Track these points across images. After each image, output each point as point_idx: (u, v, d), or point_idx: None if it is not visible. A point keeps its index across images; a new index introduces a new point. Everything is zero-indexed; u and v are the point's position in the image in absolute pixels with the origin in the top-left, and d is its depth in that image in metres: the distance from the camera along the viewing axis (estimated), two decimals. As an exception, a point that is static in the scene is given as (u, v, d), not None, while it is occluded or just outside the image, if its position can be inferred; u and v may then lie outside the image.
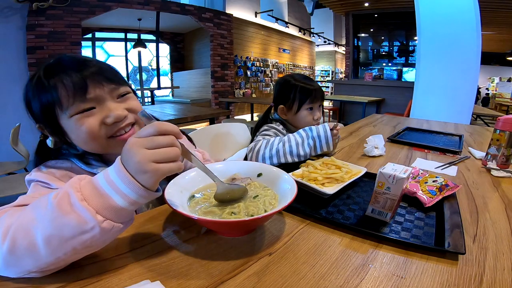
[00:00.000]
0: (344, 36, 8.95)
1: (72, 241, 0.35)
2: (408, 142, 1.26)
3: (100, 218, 0.35)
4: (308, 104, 1.01)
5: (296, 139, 0.84)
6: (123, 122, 0.55)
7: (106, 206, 0.36)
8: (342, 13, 7.42)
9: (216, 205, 0.52)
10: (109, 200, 0.36)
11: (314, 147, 0.84)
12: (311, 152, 0.85)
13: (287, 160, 0.83)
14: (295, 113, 1.03)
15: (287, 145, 0.84)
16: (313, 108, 1.03)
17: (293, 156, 0.83)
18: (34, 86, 0.51)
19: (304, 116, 1.03)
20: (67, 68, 0.50)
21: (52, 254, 0.35)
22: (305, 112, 1.02)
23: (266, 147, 0.85)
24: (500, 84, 9.91)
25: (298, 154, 0.83)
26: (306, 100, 1.00)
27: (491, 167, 0.91)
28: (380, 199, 0.55)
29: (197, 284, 0.38)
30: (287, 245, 0.48)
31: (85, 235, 0.35)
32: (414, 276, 0.41)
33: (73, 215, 0.35)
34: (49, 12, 3.50)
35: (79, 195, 0.36)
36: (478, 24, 2.62)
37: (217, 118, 3.26)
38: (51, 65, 0.52)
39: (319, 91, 1.03)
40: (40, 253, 0.35)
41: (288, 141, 0.84)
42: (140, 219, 0.55)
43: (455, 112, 2.72)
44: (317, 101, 1.03)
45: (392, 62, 7.35)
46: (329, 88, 11.68)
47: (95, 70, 0.52)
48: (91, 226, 0.35)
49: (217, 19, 5.87)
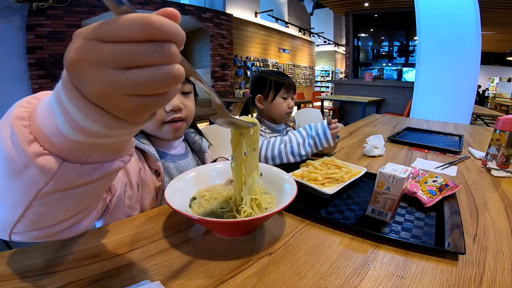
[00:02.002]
0: (344, 36, 8.96)
1: (14, 187, 0.26)
2: (408, 142, 1.26)
3: (36, 149, 0.24)
4: (282, 93, 1.09)
5: (297, 139, 0.86)
6: (177, 113, 0.64)
7: (53, 133, 0.24)
8: (342, 13, 7.42)
9: (216, 205, 0.53)
10: (53, 120, 0.24)
11: (315, 145, 0.86)
12: (312, 150, 0.86)
13: (289, 160, 0.85)
14: (271, 101, 1.09)
15: (289, 145, 0.85)
16: (287, 98, 1.10)
17: (295, 156, 0.85)
18: None
19: (279, 104, 1.09)
20: None
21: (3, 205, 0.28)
22: (280, 100, 1.09)
23: (268, 148, 0.86)
24: (500, 84, 9.92)
25: (299, 153, 0.85)
26: (281, 89, 1.08)
27: (491, 167, 0.91)
28: (380, 199, 0.55)
29: (197, 284, 0.38)
30: (287, 245, 0.48)
31: (22, 176, 0.26)
32: (414, 276, 0.41)
33: (7, 147, 0.25)
34: (49, 12, 3.51)
35: (22, 111, 0.26)
36: (478, 24, 2.62)
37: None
38: None
39: (292, 84, 1.11)
40: None
41: (289, 141, 0.86)
42: (140, 219, 0.55)
43: (455, 112, 2.72)
44: (290, 91, 1.11)
45: (392, 62, 7.35)
46: (329, 88, 11.68)
47: None
48: (23, 160, 0.25)
49: (217, 19, 5.87)
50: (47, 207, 0.29)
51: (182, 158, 0.74)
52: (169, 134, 0.66)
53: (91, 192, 0.31)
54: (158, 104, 0.23)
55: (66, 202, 0.30)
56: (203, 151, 0.80)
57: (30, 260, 0.42)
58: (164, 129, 0.65)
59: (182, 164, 0.73)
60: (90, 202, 0.35)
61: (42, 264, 0.41)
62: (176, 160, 0.72)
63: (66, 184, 0.27)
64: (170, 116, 0.64)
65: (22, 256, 0.42)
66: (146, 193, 0.62)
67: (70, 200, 0.30)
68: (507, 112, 6.97)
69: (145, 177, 0.62)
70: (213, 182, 0.61)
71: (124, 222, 0.54)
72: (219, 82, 6.14)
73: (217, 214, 0.50)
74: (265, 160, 0.85)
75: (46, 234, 0.33)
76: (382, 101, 5.55)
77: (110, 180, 0.32)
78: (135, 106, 0.21)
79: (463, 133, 1.49)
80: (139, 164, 0.61)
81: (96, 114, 0.22)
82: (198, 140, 0.81)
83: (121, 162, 0.30)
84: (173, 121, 0.65)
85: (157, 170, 0.64)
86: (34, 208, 0.28)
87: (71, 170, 0.26)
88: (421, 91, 2.96)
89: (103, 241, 0.47)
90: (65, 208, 0.31)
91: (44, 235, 0.33)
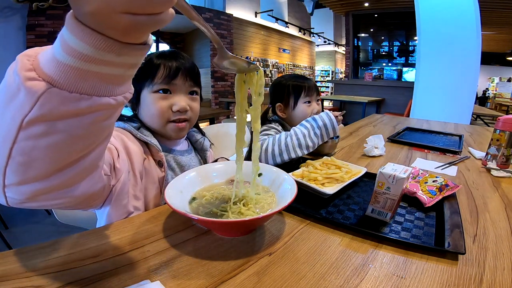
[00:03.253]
0: (344, 36, 8.95)
1: (6, 114, 0.27)
2: (408, 142, 1.26)
3: (29, 74, 0.26)
4: (304, 97, 1.02)
5: (302, 131, 0.83)
6: (183, 114, 0.68)
7: (46, 61, 0.26)
8: (342, 13, 7.42)
9: (216, 205, 0.53)
10: (51, 51, 0.26)
11: (321, 135, 0.83)
12: (319, 141, 0.83)
13: (297, 154, 0.81)
14: (293, 108, 1.03)
15: (295, 138, 0.82)
16: (310, 102, 1.03)
17: (302, 148, 0.81)
18: (145, 62, 0.64)
19: (302, 110, 1.02)
20: (172, 58, 0.66)
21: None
22: (303, 106, 1.02)
23: (274, 144, 0.83)
24: (500, 84, 9.92)
25: (307, 145, 0.82)
26: (301, 93, 1.01)
27: (491, 167, 0.91)
28: (380, 199, 0.55)
29: (197, 284, 0.38)
30: (287, 245, 0.48)
31: (14, 101, 0.26)
32: (414, 276, 0.41)
33: (8, 78, 0.27)
34: (49, 12, 3.50)
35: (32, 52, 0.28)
36: (478, 24, 2.62)
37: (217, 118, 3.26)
38: (163, 53, 0.67)
39: (312, 85, 1.04)
40: None
41: (295, 134, 0.83)
42: (140, 219, 0.55)
43: (455, 112, 2.72)
44: (312, 94, 1.03)
45: (392, 62, 7.35)
46: (329, 88, 11.68)
47: (189, 66, 0.68)
48: (16, 84, 0.26)
49: (217, 19, 5.87)
50: (33, 143, 0.28)
51: (185, 154, 0.76)
52: (173, 132, 0.69)
53: (77, 134, 0.30)
54: (150, 24, 0.25)
55: (52, 139, 0.29)
56: (205, 150, 0.82)
57: (30, 260, 0.42)
58: (169, 127, 0.68)
59: (184, 159, 0.74)
60: (79, 151, 0.32)
61: (42, 264, 0.41)
62: (178, 155, 0.74)
63: (50, 110, 0.27)
64: (176, 116, 0.67)
65: (22, 256, 0.42)
66: (150, 183, 0.64)
67: (55, 137, 0.29)
68: (507, 112, 6.97)
69: (149, 167, 0.64)
70: (213, 182, 0.61)
71: (124, 222, 0.54)
72: (219, 82, 6.14)
73: (217, 214, 0.50)
74: (273, 156, 0.82)
75: (39, 192, 0.33)
76: (382, 101, 5.55)
77: (98, 123, 0.30)
78: (128, 24, 0.23)
79: (463, 133, 1.49)
80: (143, 155, 0.64)
81: (89, 36, 0.24)
82: (199, 138, 0.82)
83: (111, 99, 0.29)
84: (178, 121, 0.68)
85: (160, 161, 0.66)
86: (20, 143, 0.28)
87: (56, 95, 0.26)
88: (421, 91, 2.96)
89: (103, 241, 0.47)
90: (52, 151, 0.30)
91: (37, 191, 0.32)
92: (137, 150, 0.62)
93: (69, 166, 0.33)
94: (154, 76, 0.65)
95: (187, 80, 0.68)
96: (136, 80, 0.64)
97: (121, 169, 0.55)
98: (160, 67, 0.65)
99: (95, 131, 0.32)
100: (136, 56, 0.28)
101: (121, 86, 0.30)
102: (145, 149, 0.65)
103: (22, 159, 0.29)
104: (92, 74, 0.26)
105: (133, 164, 0.60)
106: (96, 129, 0.31)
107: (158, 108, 0.65)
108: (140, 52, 0.28)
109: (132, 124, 0.66)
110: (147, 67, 0.66)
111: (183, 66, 0.67)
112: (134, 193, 0.60)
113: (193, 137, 0.82)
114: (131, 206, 0.59)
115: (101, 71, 0.26)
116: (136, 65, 0.30)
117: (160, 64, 0.65)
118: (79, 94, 0.27)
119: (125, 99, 0.31)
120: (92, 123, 0.30)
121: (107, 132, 0.35)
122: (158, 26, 0.26)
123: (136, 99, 0.68)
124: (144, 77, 0.66)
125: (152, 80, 0.65)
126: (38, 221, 2.01)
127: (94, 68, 0.26)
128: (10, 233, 1.84)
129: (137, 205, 0.61)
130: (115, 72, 0.28)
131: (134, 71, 0.30)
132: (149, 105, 0.66)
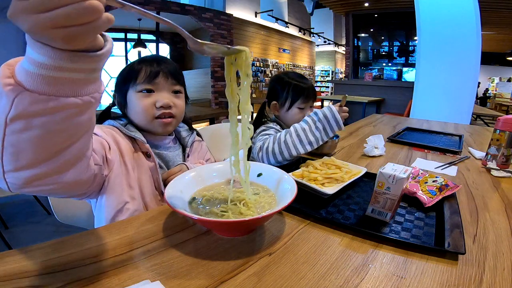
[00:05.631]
0: (344, 36, 8.96)
1: None
2: (408, 142, 1.26)
3: (7, 81, 0.31)
4: (299, 103, 1.01)
5: (303, 126, 0.80)
6: (167, 109, 0.71)
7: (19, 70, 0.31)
8: (342, 13, 7.42)
9: (216, 205, 0.53)
10: (21, 63, 0.31)
11: (324, 129, 0.79)
12: (322, 136, 0.80)
13: (298, 151, 0.78)
14: (287, 110, 1.03)
15: (294, 134, 0.79)
16: (304, 108, 1.03)
17: (304, 144, 0.78)
18: (127, 67, 0.73)
19: (294, 114, 1.02)
20: (153, 61, 0.71)
21: None
22: (296, 110, 1.02)
23: (274, 142, 0.81)
24: (500, 84, 9.92)
25: (309, 141, 0.78)
26: (298, 99, 1.01)
27: (491, 167, 0.91)
28: (380, 199, 0.55)
29: (197, 284, 0.38)
30: (287, 245, 0.48)
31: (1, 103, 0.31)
32: (414, 276, 0.41)
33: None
34: (49, 12, 3.50)
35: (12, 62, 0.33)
36: (478, 24, 2.62)
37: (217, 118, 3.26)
38: (143, 58, 0.73)
39: (311, 90, 1.03)
40: None
41: (295, 131, 0.80)
42: (140, 219, 0.55)
43: (455, 112, 2.72)
44: (309, 101, 1.03)
45: (392, 62, 7.35)
46: (329, 88, 11.68)
47: (169, 67, 0.72)
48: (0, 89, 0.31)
49: (217, 19, 5.87)
50: (17, 136, 0.33)
51: (171, 150, 0.80)
52: (159, 128, 0.73)
53: (54, 129, 0.34)
54: (85, 33, 0.28)
55: (31, 133, 0.33)
56: (187, 146, 0.83)
57: (30, 260, 0.42)
58: (155, 123, 0.72)
59: (171, 155, 0.78)
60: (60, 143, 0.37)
61: (42, 264, 0.41)
62: (163, 151, 0.77)
63: (24, 109, 0.31)
64: (160, 111, 0.71)
65: (22, 256, 0.42)
66: (142, 173, 0.69)
67: (34, 132, 0.33)
68: (507, 112, 6.97)
69: (139, 159, 0.69)
70: (213, 181, 0.61)
71: (124, 222, 0.54)
72: (219, 82, 6.13)
73: (216, 214, 0.50)
74: (273, 155, 0.80)
75: (33, 177, 0.37)
76: (382, 101, 5.55)
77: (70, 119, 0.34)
78: (63, 35, 0.27)
79: (463, 133, 1.49)
80: (132, 149, 0.69)
81: (41, 48, 0.29)
82: (186, 136, 0.85)
83: (78, 99, 0.33)
84: (163, 116, 0.72)
85: (147, 152, 0.71)
86: (8, 137, 0.33)
87: (28, 97, 0.31)
88: (421, 91, 2.95)
89: (103, 241, 0.47)
90: (34, 143, 0.34)
91: (30, 177, 0.37)
92: (126, 144, 0.68)
93: (54, 156, 0.37)
94: (136, 78, 0.70)
95: (169, 79, 0.72)
96: (122, 82, 0.72)
97: (113, 160, 0.62)
98: (142, 70, 0.70)
99: (71, 126, 0.36)
100: (91, 63, 0.32)
101: (86, 88, 0.34)
102: (133, 143, 0.71)
103: (12, 150, 0.34)
104: (55, 79, 0.31)
105: (124, 156, 0.66)
106: (71, 124, 0.35)
107: (142, 106, 0.70)
108: (93, 58, 0.32)
109: (120, 122, 0.72)
110: (130, 70, 0.71)
111: (164, 67, 0.72)
112: (128, 183, 0.65)
113: (180, 133, 0.85)
114: (127, 195, 0.64)
115: (62, 76, 0.31)
116: (96, 70, 0.33)
117: (142, 67, 0.71)
118: (47, 96, 0.31)
119: (93, 98, 0.35)
120: (64, 120, 0.34)
121: (86, 127, 0.39)
122: (97, 32, 0.30)
123: (124, 100, 0.73)
124: (128, 80, 0.71)
125: (135, 82, 0.70)
126: (38, 221, 2.01)
127: (55, 74, 0.30)
128: (10, 233, 1.84)
129: (133, 194, 0.65)
130: (76, 76, 0.32)
131: (97, 74, 0.34)
132: (134, 104, 0.71)
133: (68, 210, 0.80)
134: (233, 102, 0.49)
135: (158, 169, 0.71)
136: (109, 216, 0.62)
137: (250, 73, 0.47)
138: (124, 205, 0.63)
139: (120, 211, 0.62)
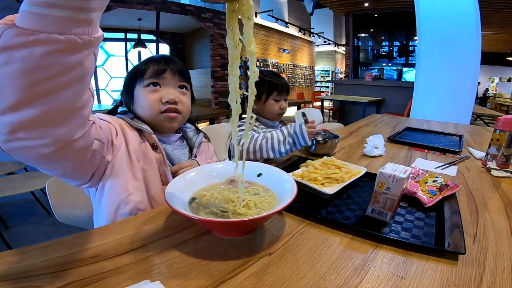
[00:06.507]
0: (344, 36, 8.95)
1: None
2: (408, 142, 1.26)
3: (6, 21, 0.34)
4: (275, 96, 1.11)
5: (278, 137, 0.92)
6: (173, 105, 0.72)
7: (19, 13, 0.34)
8: (342, 13, 7.43)
9: (216, 205, 0.53)
10: None
11: (293, 143, 0.92)
12: (292, 148, 0.93)
13: (269, 156, 0.92)
14: (264, 102, 1.12)
15: (269, 142, 0.92)
16: (279, 101, 1.13)
17: (275, 152, 0.92)
18: (135, 66, 0.75)
19: (271, 105, 1.12)
20: (160, 60, 0.74)
21: None
22: (272, 101, 1.12)
23: (250, 142, 0.93)
24: (500, 84, 9.93)
25: (279, 150, 0.92)
26: (273, 92, 1.11)
27: (491, 167, 0.91)
28: (380, 199, 0.55)
29: (197, 284, 0.38)
30: (287, 245, 0.48)
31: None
32: (414, 276, 0.41)
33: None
34: (49, 12, 3.50)
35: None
36: (478, 24, 2.62)
37: (217, 118, 3.26)
38: (151, 57, 0.75)
39: (285, 85, 1.13)
40: None
41: (271, 138, 0.92)
42: (140, 219, 0.55)
43: (455, 112, 2.72)
44: (283, 93, 1.13)
45: (392, 62, 7.36)
46: (329, 88, 11.68)
47: (177, 66, 0.75)
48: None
49: (217, 19, 5.87)
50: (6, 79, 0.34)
51: (178, 148, 0.80)
52: (165, 122, 0.74)
53: (34, 65, 0.34)
54: None
55: (12, 67, 0.34)
56: (194, 147, 0.84)
57: (30, 260, 0.42)
58: (161, 117, 0.73)
59: (176, 153, 0.78)
60: (41, 83, 0.36)
61: (42, 264, 0.41)
62: (170, 148, 0.77)
63: (6, 41, 0.33)
64: (166, 106, 0.72)
65: (22, 256, 0.42)
66: (147, 164, 0.68)
67: (14, 66, 0.34)
68: (507, 112, 6.98)
69: (146, 150, 0.69)
70: (213, 182, 0.61)
71: (124, 222, 0.54)
72: (219, 82, 6.14)
73: (217, 214, 0.50)
74: (247, 154, 0.88)
75: (17, 125, 0.36)
76: (382, 101, 5.55)
77: (51, 55, 0.34)
78: None
79: (463, 133, 1.49)
80: (139, 139, 0.70)
81: None
82: (192, 136, 0.86)
83: (60, 36, 0.34)
84: (169, 111, 0.73)
85: (154, 143, 0.71)
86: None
87: (15, 30, 0.33)
88: (421, 91, 2.95)
89: (103, 241, 0.47)
90: (14, 78, 0.34)
91: (16, 124, 0.36)
92: (133, 135, 0.69)
93: (38, 98, 0.36)
94: (144, 75, 0.72)
95: (176, 75, 0.74)
96: (129, 81, 0.74)
97: (118, 146, 0.63)
98: (150, 67, 0.72)
99: (54, 65, 0.35)
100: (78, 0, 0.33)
101: (73, 28, 0.35)
102: (140, 135, 0.72)
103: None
104: (43, 16, 0.33)
105: (129, 146, 0.66)
106: (53, 62, 0.35)
107: (148, 100, 0.71)
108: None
109: (128, 115, 0.74)
110: (138, 69, 0.73)
111: (172, 65, 0.74)
112: (132, 173, 0.65)
113: (186, 133, 0.86)
114: (131, 186, 0.63)
115: (52, 13, 0.32)
116: (83, 9, 0.34)
117: (150, 65, 0.73)
118: (32, 30, 0.33)
119: (80, 39, 0.35)
120: (45, 55, 0.34)
121: (76, 73, 0.38)
122: None
123: (131, 97, 0.75)
124: (135, 77, 0.73)
125: (142, 78, 0.72)
126: (38, 221, 2.01)
127: (46, 11, 0.32)
128: (10, 233, 1.84)
129: (137, 185, 0.64)
130: (63, 15, 0.33)
131: (85, 15, 0.34)
132: (141, 99, 0.72)
133: (68, 210, 0.80)
134: (235, 48, 0.49)
135: (166, 160, 0.71)
136: (112, 208, 0.60)
137: (252, 15, 0.47)
138: (128, 196, 0.61)
139: (123, 202, 0.60)
